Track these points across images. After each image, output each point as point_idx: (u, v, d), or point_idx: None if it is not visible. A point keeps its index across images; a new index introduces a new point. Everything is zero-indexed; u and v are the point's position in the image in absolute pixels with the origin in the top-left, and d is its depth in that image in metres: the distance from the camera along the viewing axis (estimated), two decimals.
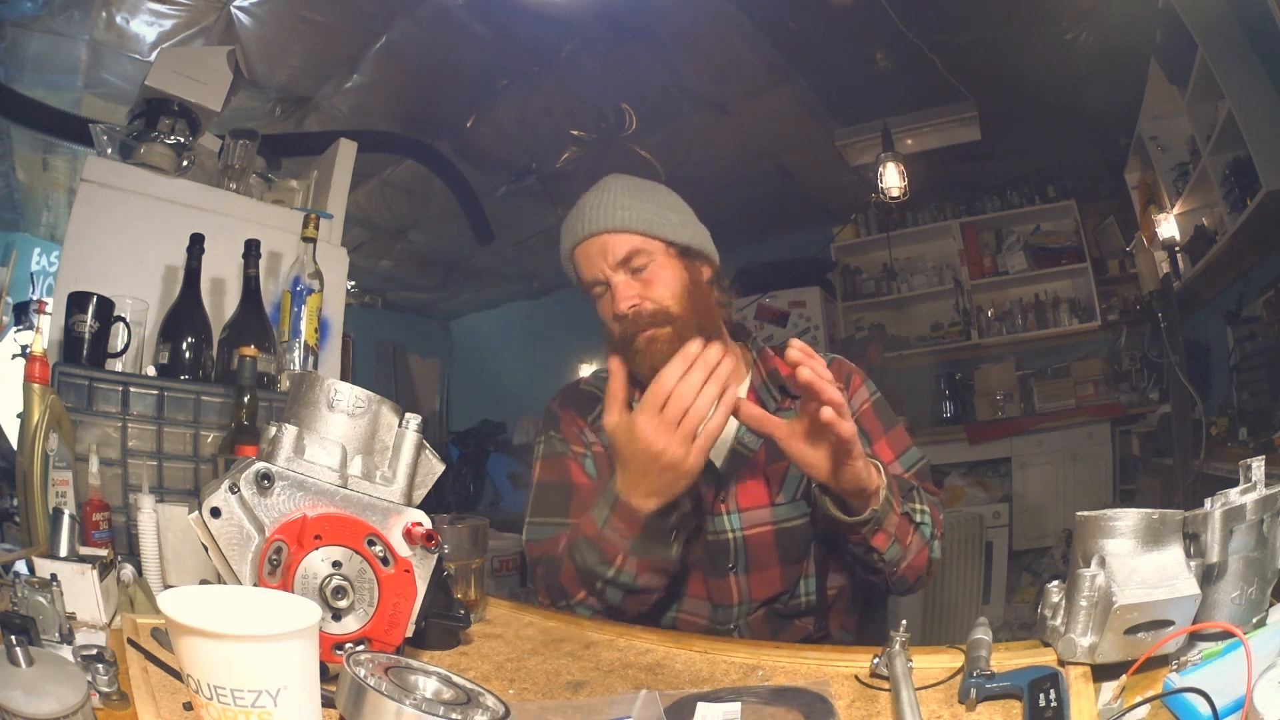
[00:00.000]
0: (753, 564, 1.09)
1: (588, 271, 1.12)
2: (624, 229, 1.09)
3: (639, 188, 1.15)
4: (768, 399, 1.14)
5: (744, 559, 1.09)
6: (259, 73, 2.67)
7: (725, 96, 3.06)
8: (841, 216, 4.23)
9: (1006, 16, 2.53)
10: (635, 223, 1.10)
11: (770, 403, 1.14)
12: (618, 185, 1.15)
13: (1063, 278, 3.89)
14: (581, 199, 1.16)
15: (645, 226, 1.10)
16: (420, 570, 0.68)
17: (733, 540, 1.09)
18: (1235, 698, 0.53)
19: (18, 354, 2.52)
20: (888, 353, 4.02)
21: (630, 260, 1.09)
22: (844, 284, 4.24)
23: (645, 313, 1.07)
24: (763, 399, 1.14)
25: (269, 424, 0.70)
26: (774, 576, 1.09)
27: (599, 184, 1.16)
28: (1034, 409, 3.82)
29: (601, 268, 1.10)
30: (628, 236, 1.09)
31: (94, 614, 0.75)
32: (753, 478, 1.11)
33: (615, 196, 1.12)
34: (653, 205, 1.12)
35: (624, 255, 1.09)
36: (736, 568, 1.09)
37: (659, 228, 1.10)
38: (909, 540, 1.01)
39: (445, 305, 5.76)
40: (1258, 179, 2.22)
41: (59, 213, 3.72)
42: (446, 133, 3.25)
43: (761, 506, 1.09)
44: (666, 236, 1.11)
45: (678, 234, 1.12)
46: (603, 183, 1.16)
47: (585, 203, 1.14)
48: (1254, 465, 0.68)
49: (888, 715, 0.64)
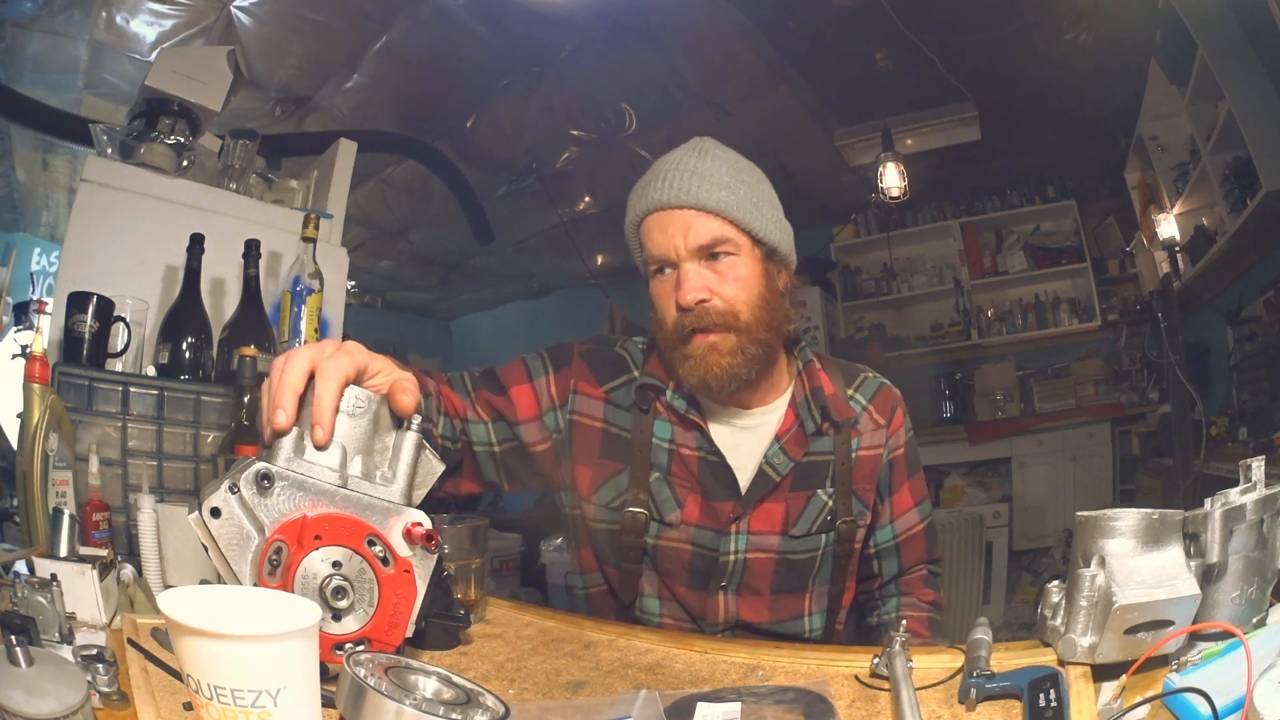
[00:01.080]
0: (745, 587, 1.04)
1: (658, 245, 0.97)
2: (718, 211, 0.95)
3: (741, 167, 1.01)
4: (806, 419, 1.05)
5: (738, 580, 1.04)
6: (259, 73, 2.67)
7: (725, 96, 3.06)
8: (841, 216, 4.23)
9: (1006, 16, 2.53)
10: (732, 207, 0.96)
11: (809, 423, 1.04)
12: (719, 155, 1.00)
13: (1063, 278, 3.89)
14: (670, 157, 1.00)
15: (741, 214, 0.96)
16: (420, 570, 0.68)
17: (733, 560, 1.03)
18: (1235, 698, 0.53)
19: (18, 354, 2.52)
20: (888, 353, 4.02)
21: (712, 247, 0.96)
22: (844, 284, 4.24)
23: (713, 311, 0.95)
24: (801, 418, 1.05)
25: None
26: (763, 603, 1.04)
27: (693, 146, 1.01)
28: (1034, 409, 3.82)
29: (677, 246, 0.96)
30: (718, 221, 0.95)
31: (94, 614, 0.75)
32: (773, 503, 1.04)
33: (716, 169, 0.97)
34: (752, 191, 0.99)
35: (708, 240, 0.95)
36: (729, 587, 1.04)
37: (754, 219, 0.97)
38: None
39: (445, 305, 5.76)
40: (1258, 179, 2.22)
41: (59, 213, 3.72)
42: (446, 133, 3.25)
43: (773, 533, 1.03)
44: (757, 231, 0.98)
45: (769, 231, 0.99)
46: (699, 146, 1.01)
47: (676, 166, 0.98)
48: (1254, 465, 0.68)
49: (888, 715, 0.64)
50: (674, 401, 1.04)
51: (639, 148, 3.23)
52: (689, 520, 1.04)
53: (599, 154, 3.40)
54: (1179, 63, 2.56)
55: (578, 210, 3.94)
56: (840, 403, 1.06)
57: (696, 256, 0.96)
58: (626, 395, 1.06)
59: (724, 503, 1.02)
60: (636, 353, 1.10)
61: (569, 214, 3.94)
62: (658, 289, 1.00)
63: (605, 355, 1.10)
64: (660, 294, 1.00)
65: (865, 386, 1.12)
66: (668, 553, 1.05)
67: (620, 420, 1.07)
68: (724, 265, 0.96)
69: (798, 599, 1.06)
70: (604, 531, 1.07)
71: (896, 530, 1.13)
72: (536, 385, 1.08)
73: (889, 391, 1.12)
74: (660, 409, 1.05)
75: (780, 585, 1.04)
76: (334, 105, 2.93)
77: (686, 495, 1.04)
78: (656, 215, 0.97)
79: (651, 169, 1.00)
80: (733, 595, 1.04)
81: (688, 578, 1.05)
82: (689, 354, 0.96)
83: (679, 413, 1.04)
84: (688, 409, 1.04)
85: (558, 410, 1.08)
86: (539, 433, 1.08)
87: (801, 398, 1.06)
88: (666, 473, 1.05)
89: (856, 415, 1.08)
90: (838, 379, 1.10)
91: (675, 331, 0.97)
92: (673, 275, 0.97)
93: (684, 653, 0.83)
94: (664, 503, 1.04)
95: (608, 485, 1.06)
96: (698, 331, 0.96)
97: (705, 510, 1.03)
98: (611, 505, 1.06)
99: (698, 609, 1.05)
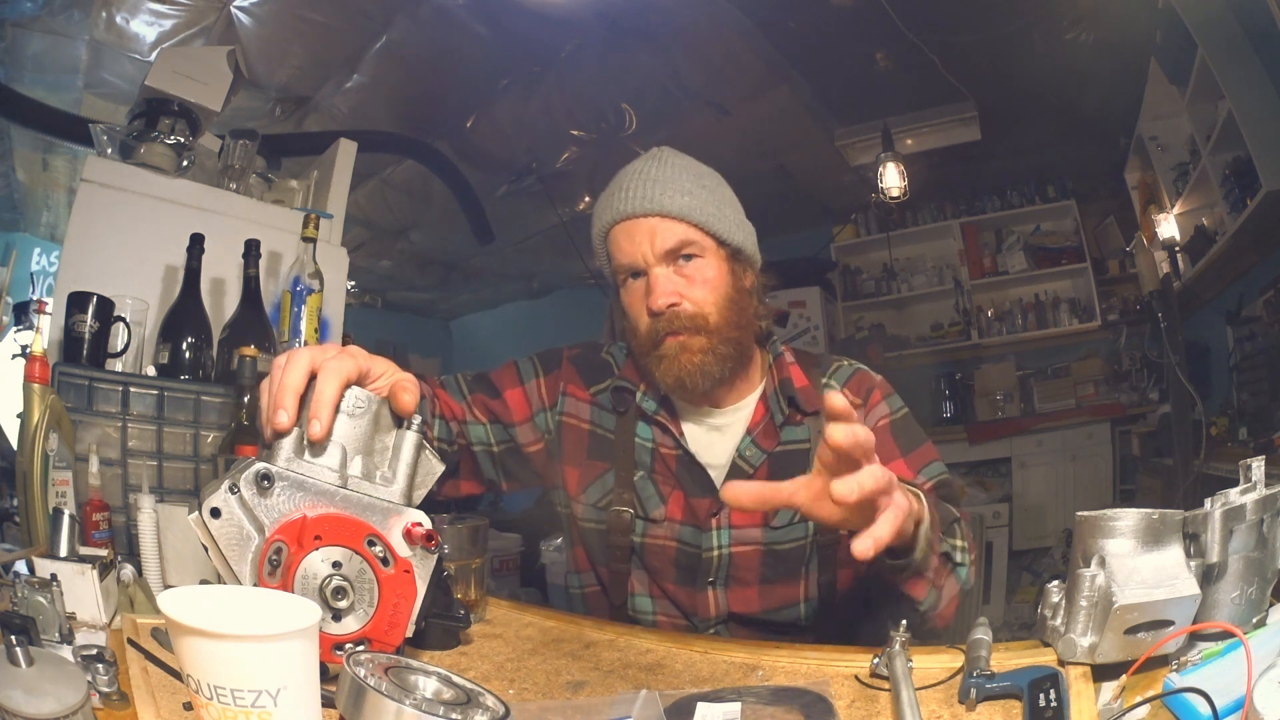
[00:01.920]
0: (733, 579, 1.04)
1: (625, 253, 1.00)
2: (681, 216, 0.98)
3: (700, 172, 1.03)
4: (776, 410, 1.06)
5: (724, 574, 1.04)
6: (259, 73, 2.67)
7: (725, 96, 3.06)
8: (841, 216, 4.23)
9: (1006, 16, 2.53)
10: (694, 211, 0.98)
11: (778, 414, 1.06)
12: (678, 163, 1.02)
13: (1063, 278, 3.89)
14: (631, 168, 1.03)
15: (703, 218, 0.98)
16: (420, 570, 0.68)
17: (718, 556, 1.03)
18: (1235, 698, 0.53)
19: (18, 354, 2.52)
20: (888, 353, 4.03)
21: (679, 251, 0.98)
22: (844, 284, 4.24)
23: (683, 314, 0.98)
24: (771, 410, 1.07)
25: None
26: (753, 595, 1.04)
27: (653, 155, 1.03)
28: (1034, 409, 3.83)
29: (644, 253, 0.98)
30: (683, 225, 0.98)
31: (94, 614, 0.75)
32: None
33: (677, 176, 1.00)
34: (713, 195, 1.01)
35: (674, 245, 0.98)
36: (716, 582, 1.04)
37: (716, 221, 0.99)
38: (944, 584, 0.89)
39: (445, 305, 5.76)
40: (1258, 179, 2.22)
41: (59, 213, 3.73)
42: (446, 133, 3.25)
43: (754, 525, 1.03)
44: (721, 233, 1.00)
45: (732, 233, 1.02)
46: (659, 155, 1.03)
47: (638, 175, 1.00)
48: (1254, 465, 0.68)
49: (888, 715, 0.64)
50: (643, 403, 1.07)
51: (639, 148, 3.21)
52: (672, 517, 1.05)
53: (599, 154, 3.40)
54: (1179, 63, 2.56)
55: (578, 210, 3.94)
56: (810, 393, 1.07)
57: (664, 261, 0.98)
58: (609, 398, 1.10)
59: (701, 499, 1.04)
60: (620, 356, 1.13)
61: (569, 214, 3.94)
62: (628, 297, 1.03)
63: (592, 360, 1.13)
64: (631, 301, 1.02)
65: (839, 373, 1.11)
66: (654, 550, 1.06)
67: (605, 422, 1.10)
68: (691, 268, 0.99)
69: (790, 588, 1.06)
70: (593, 531, 1.09)
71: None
72: (528, 388, 1.12)
73: (865, 375, 1.11)
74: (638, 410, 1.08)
75: (770, 575, 1.04)
76: (334, 105, 2.93)
77: (669, 493, 1.06)
78: (623, 224, 1.00)
79: (614, 181, 1.03)
80: (721, 589, 1.05)
81: (675, 574, 1.06)
82: (663, 355, 0.99)
83: (647, 414, 1.06)
84: (657, 409, 1.06)
85: (548, 412, 1.11)
86: (532, 433, 1.11)
87: (771, 390, 1.07)
88: (650, 471, 1.07)
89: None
90: (812, 370, 1.10)
91: (649, 336, 1.00)
92: (642, 282, 1.00)
93: (684, 653, 0.83)
94: (648, 500, 1.06)
95: (595, 485, 1.09)
96: (669, 334, 0.98)
97: (686, 507, 1.05)
98: (599, 505, 1.08)
99: (688, 605, 1.06)
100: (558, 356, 1.13)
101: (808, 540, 1.05)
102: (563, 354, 1.14)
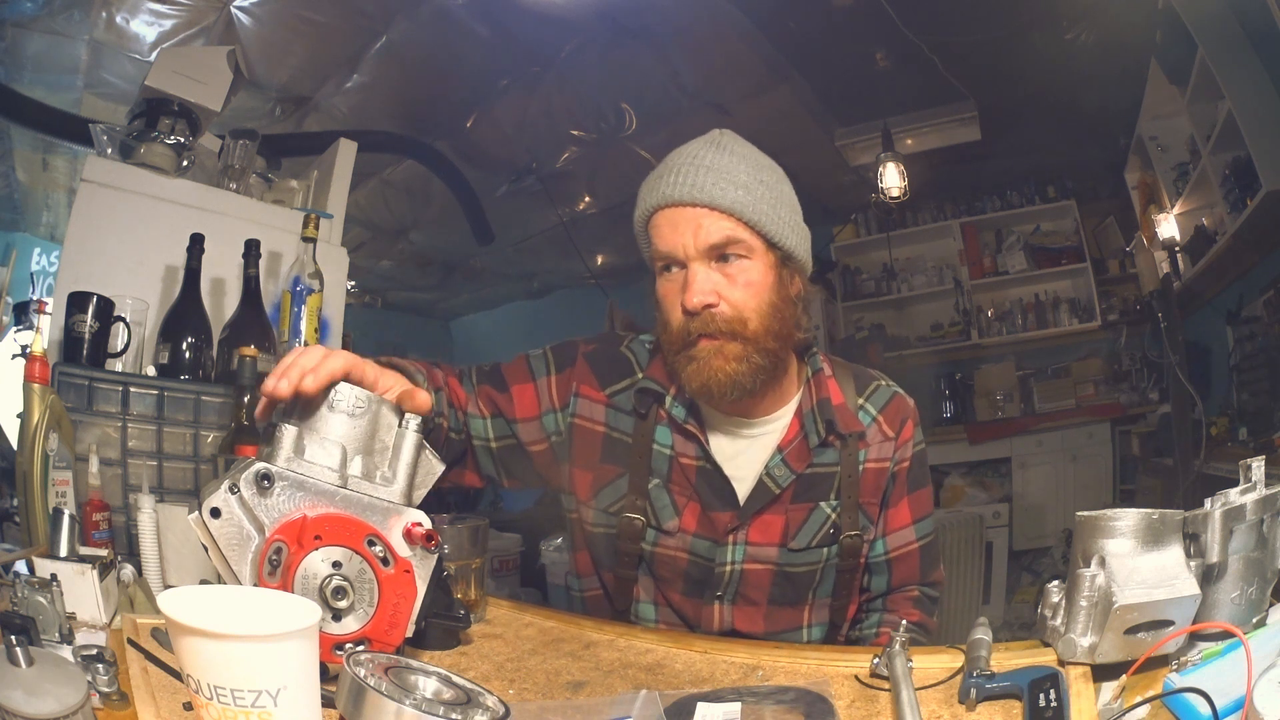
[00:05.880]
0: (740, 597, 1.02)
1: (665, 241, 0.93)
2: (730, 210, 0.90)
3: (760, 165, 0.95)
4: (811, 431, 1.00)
5: (734, 590, 1.02)
6: (259, 73, 2.68)
7: (725, 96, 3.06)
8: (841, 216, 4.23)
9: (1006, 16, 2.53)
10: (747, 208, 0.90)
11: (813, 436, 1.00)
12: (738, 150, 0.94)
13: (1063, 278, 3.89)
14: (686, 149, 0.95)
15: (755, 215, 0.91)
16: (420, 570, 0.68)
17: (729, 571, 1.01)
18: (1235, 698, 0.53)
19: (18, 354, 2.52)
20: (888, 353, 4.02)
21: (723, 249, 0.91)
22: (844, 284, 4.24)
23: (719, 316, 0.91)
24: (805, 429, 1.01)
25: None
26: (759, 614, 1.02)
27: (711, 139, 0.95)
28: (1034, 409, 3.82)
29: (686, 245, 0.91)
30: (731, 221, 0.90)
31: (94, 614, 0.76)
32: (772, 514, 1.00)
33: (733, 166, 0.92)
34: (770, 191, 0.93)
35: (719, 241, 0.90)
36: (724, 597, 1.02)
37: (770, 221, 0.92)
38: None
39: (445, 305, 5.76)
40: (1258, 179, 2.22)
41: (59, 213, 3.73)
42: (446, 133, 3.25)
43: (771, 545, 1.00)
44: (772, 234, 0.92)
45: (785, 235, 0.94)
46: (718, 140, 0.95)
47: (691, 159, 0.93)
48: (1254, 465, 0.68)
49: (888, 715, 0.64)
50: (673, 409, 1.01)
51: (639, 148, 3.23)
52: (686, 529, 1.02)
53: (599, 154, 3.40)
54: (1179, 63, 2.56)
55: (578, 210, 3.94)
56: (848, 414, 1.03)
57: (706, 257, 0.91)
58: (628, 399, 1.04)
59: (721, 513, 0.99)
60: (642, 353, 1.06)
61: (569, 214, 3.94)
62: (664, 288, 0.96)
63: (610, 356, 1.06)
64: (666, 293, 0.95)
65: (877, 396, 1.07)
66: (664, 560, 1.03)
67: (622, 424, 1.04)
68: (734, 268, 0.92)
69: (795, 611, 1.04)
70: (601, 536, 1.06)
71: (889, 545, 1.08)
72: (539, 385, 1.06)
73: (901, 401, 1.07)
74: (661, 415, 1.03)
75: (778, 597, 1.02)
76: (334, 105, 2.93)
77: (685, 504, 1.02)
78: (667, 211, 0.93)
79: (665, 161, 0.95)
80: (728, 605, 1.03)
81: (683, 586, 1.03)
82: (693, 356, 0.92)
83: (677, 421, 1.01)
84: (686, 418, 1.01)
85: (558, 413, 1.05)
86: (537, 433, 1.07)
87: (808, 408, 1.02)
88: (666, 480, 1.02)
89: (864, 428, 1.04)
90: (849, 387, 1.06)
91: (680, 334, 0.94)
92: (680, 275, 0.93)
93: (684, 653, 0.83)
94: (662, 510, 1.02)
95: (607, 490, 1.04)
96: (704, 336, 0.92)
97: (703, 520, 1.01)
98: (610, 510, 1.04)
99: (693, 616, 1.04)
100: (573, 352, 1.06)
101: (821, 565, 1.03)
102: (578, 349, 1.06)
